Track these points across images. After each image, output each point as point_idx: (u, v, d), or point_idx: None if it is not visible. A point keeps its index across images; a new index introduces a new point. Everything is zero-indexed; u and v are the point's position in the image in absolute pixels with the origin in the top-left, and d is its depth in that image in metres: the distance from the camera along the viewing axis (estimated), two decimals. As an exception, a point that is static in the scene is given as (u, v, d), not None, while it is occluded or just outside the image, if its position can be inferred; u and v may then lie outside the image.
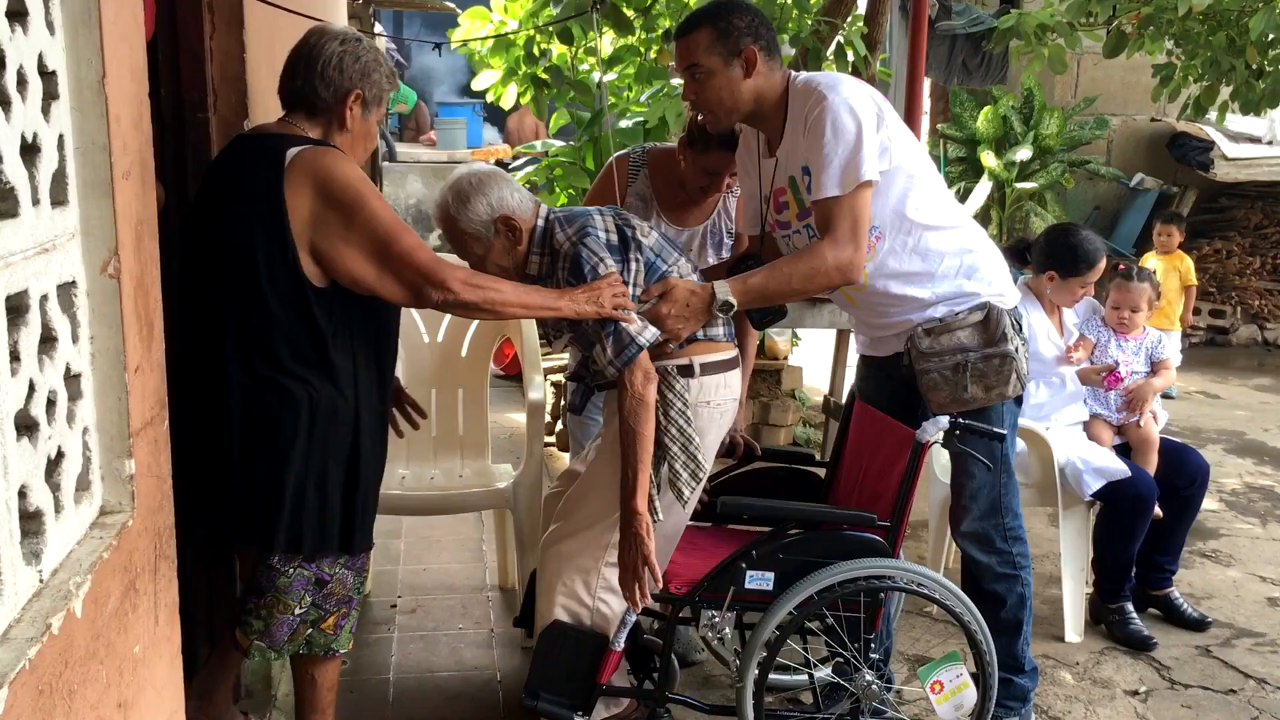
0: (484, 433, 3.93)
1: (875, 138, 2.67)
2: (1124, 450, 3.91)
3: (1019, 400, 2.98)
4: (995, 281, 2.88)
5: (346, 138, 2.51)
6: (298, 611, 2.52)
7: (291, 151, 2.35)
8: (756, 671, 2.70)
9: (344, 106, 2.46)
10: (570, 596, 2.73)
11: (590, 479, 2.78)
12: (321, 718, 2.69)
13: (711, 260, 3.27)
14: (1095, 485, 3.67)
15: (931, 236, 2.81)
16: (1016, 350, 2.83)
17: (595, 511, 2.73)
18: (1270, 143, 8.89)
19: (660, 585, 2.62)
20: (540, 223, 2.73)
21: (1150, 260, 6.94)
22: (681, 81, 2.90)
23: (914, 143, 2.86)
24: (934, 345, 2.83)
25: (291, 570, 2.49)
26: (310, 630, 2.56)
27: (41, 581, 1.43)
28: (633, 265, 2.67)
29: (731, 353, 2.78)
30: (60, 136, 1.54)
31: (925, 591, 2.76)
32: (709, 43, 2.71)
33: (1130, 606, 3.81)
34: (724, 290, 2.68)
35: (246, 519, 2.43)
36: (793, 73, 2.81)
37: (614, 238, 2.69)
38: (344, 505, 2.51)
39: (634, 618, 2.70)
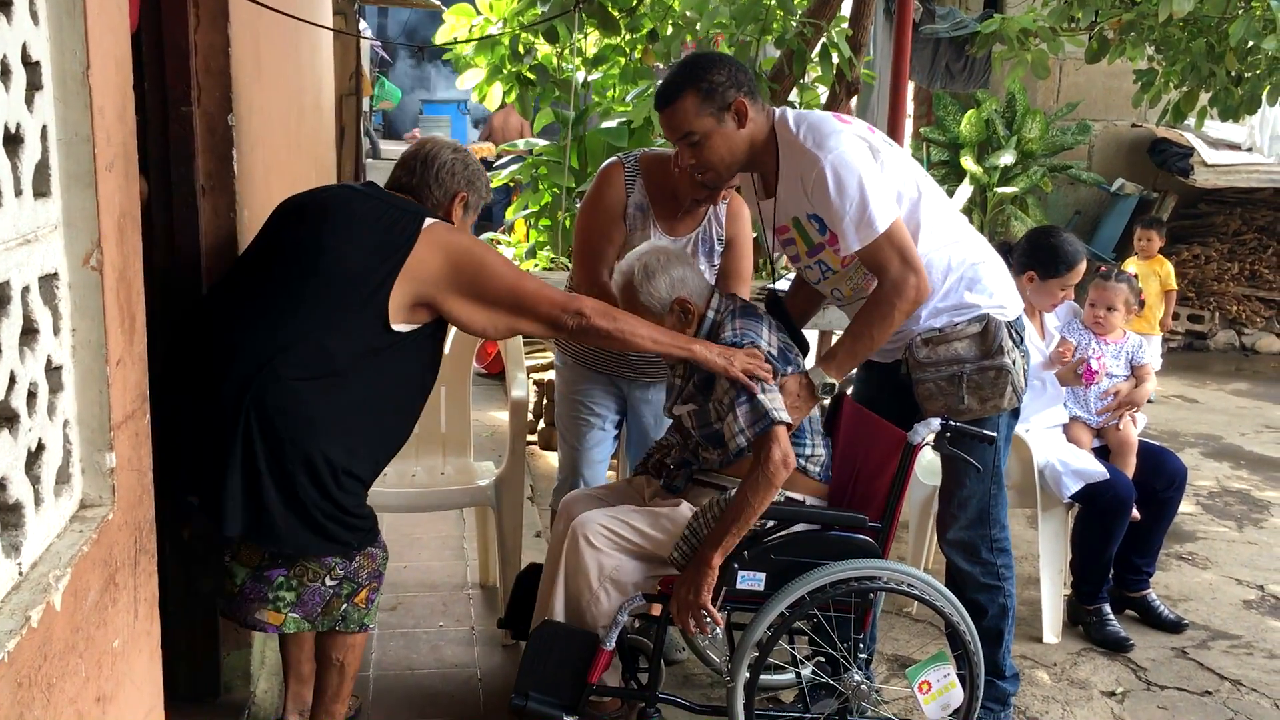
0: (466, 431, 3.93)
1: (880, 180, 2.71)
2: (1103, 453, 3.93)
3: (1015, 413, 2.99)
4: (997, 293, 2.88)
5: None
6: (329, 582, 2.63)
7: (429, 220, 2.63)
8: (748, 673, 2.71)
9: (452, 204, 2.79)
10: (582, 578, 2.75)
11: (664, 522, 2.81)
12: (341, 706, 2.79)
13: (703, 265, 3.25)
14: (1074, 487, 3.69)
15: (935, 255, 2.82)
16: (1014, 363, 2.83)
17: (652, 544, 2.78)
18: (1249, 150, 8.96)
19: (721, 627, 2.69)
20: (711, 313, 2.83)
21: (1131, 265, 6.99)
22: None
23: (910, 165, 2.88)
24: (931, 355, 2.83)
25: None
26: (345, 605, 2.66)
27: (20, 574, 1.42)
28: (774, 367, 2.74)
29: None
30: (44, 127, 1.53)
31: (915, 592, 2.78)
32: (696, 107, 2.73)
33: (1108, 608, 3.84)
34: (820, 376, 2.77)
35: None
36: (774, 110, 2.83)
37: (774, 351, 2.76)
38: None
39: (625, 617, 2.71)
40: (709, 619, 2.66)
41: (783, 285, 4.24)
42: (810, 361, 2.89)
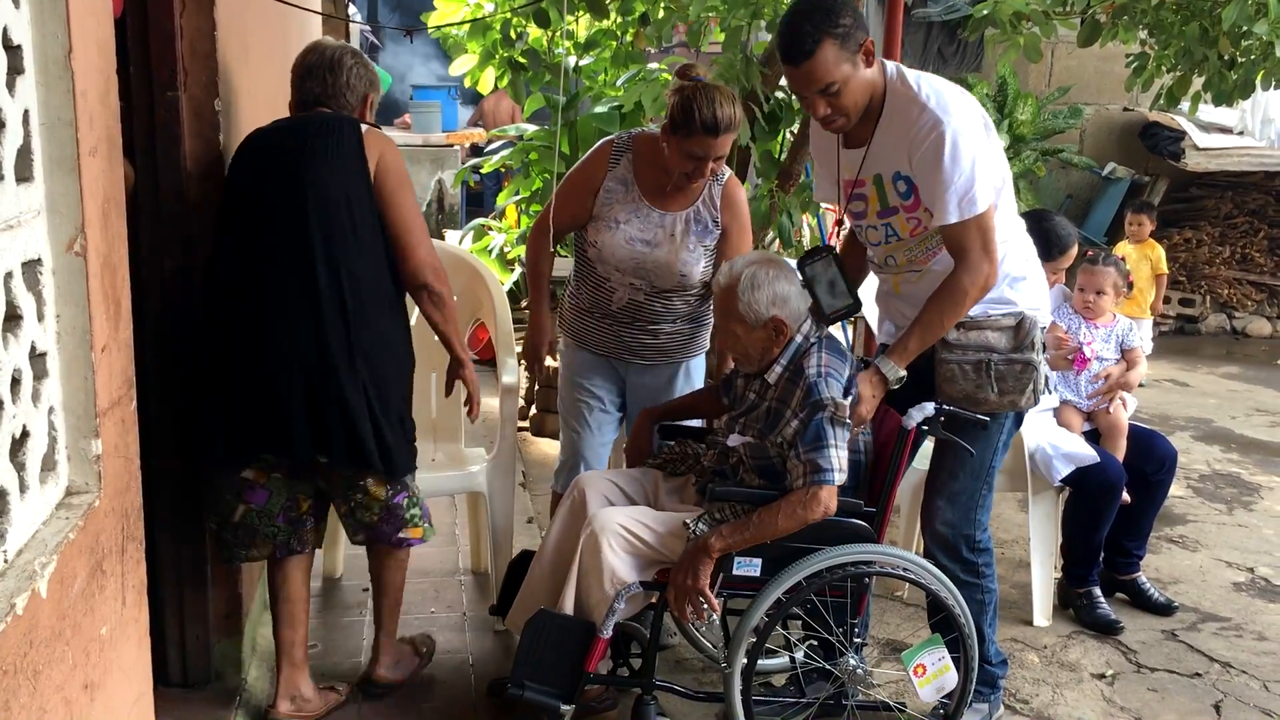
0: (457, 417, 3.92)
1: (989, 161, 2.68)
2: (1093, 436, 3.94)
3: (1019, 420, 2.97)
4: (1035, 299, 2.87)
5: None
6: (417, 494, 3.00)
7: (363, 126, 2.85)
8: (745, 659, 2.71)
9: (364, 107, 2.98)
10: (595, 577, 2.74)
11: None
12: (396, 616, 3.13)
13: (693, 245, 3.23)
14: (1064, 471, 3.69)
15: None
16: (1040, 364, 2.81)
17: (668, 551, 2.77)
18: (1241, 133, 8.95)
19: (718, 614, 2.69)
20: (799, 338, 2.79)
21: (1123, 249, 6.99)
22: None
23: (1002, 154, 2.82)
24: (961, 338, 2.80)
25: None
26: (420, 509, 3.01)
27: (6, 562, 1.42)
28: (846, 407, 2.72)
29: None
30: (25, 111, 1.52)
31: (910, 576, 2.79)
32: (836, 54, 2.61)
33: (1098, 591, 3.85)
34: (891, 369, 2.75)
35: (382, 447, 2.79)
36: (886, 63, 2.74)
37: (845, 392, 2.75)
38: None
39: (623, 605, 2.70)
40: (706, 605, 2.66)
41: None
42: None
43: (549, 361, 3.55)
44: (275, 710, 2.94)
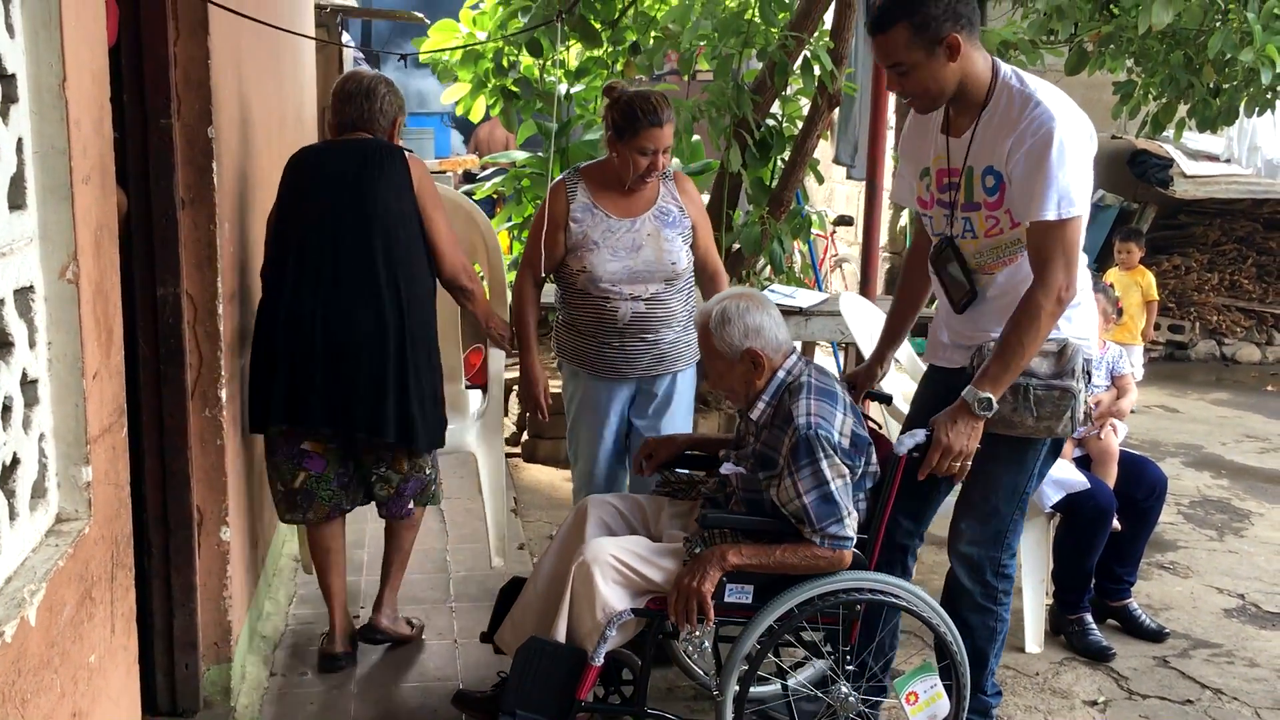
0: (457, 358, 4.26)
1: (1087, 172, 2.67)
2: (1084, 462, 3.95)
3: (1056, 449, 2.92)
4: (1084, 329, 2.84)
5: None
6: (428, 472, 3.50)
7: (406, 153, 3.35)
8: (737, 687, 2.71)
9: (393, 129, 3.44)
10: (586, 605, 2.73)
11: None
12: (402, 571, 3.62)
13: (671, 235, 3.43)
14: (1055, 497, 3.70)
15: None
16: (1080, 392, 2.77)
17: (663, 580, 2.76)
18: (1228, 161, 9.02)
19: (711, 623, 2.68)
20: (782, 373, 2.81)
21: (1112, 276, 7.03)
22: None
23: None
24: None
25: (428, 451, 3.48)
26: (434, 488, 3.55)
27: (-5, 589, 1.41)
28: (858, 471, 2.73)
29: None
30: (19, 140, 1.53)
31: (902, 604, 2.78)
32: (907, 39, 2.65)
33: (1089, 617, 3.85)
34: (976, 395, 2.67)
35: (407, 424, 3.27)
36: (999, 64, 2.77)
37: (846, 441, 2.71)
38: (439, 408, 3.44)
39: (614, 633, 2.69)
40: (701, 614, 2.64)
41: (808, 296, 4.40)
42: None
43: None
44: (378, 618, 3.55)
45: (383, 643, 3.57)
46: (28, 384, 1.55)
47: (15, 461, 1.50)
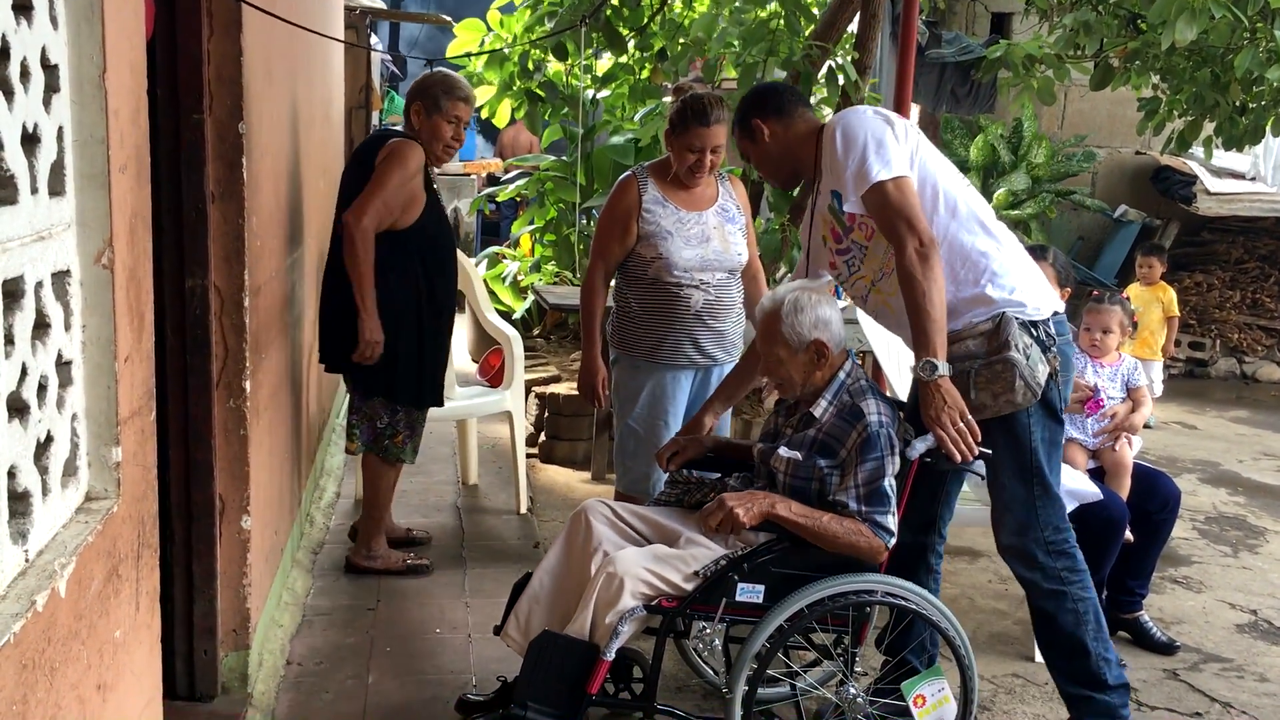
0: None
1: (890, 141, 2.84)
2: (1097, 474, 3.95)
3: (1056, 416, 2.93)
4: (1020, 288, 2.87)
5: (422, 135, 3.94)
6: (379, 425, 4.01)
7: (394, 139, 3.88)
8: (746, 686, 2.73)
9: (410, 114, 3.95)
10: (609, 610, 2.74)
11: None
12: (380, 511, 4.17)
13: (733, 230, 3.72)
14: (1068, 507, 3.70)
15: (963, 237, 2.89)
16: (1027, 357, 2.79)
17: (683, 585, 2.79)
18: (1253, 179, 9.00)
19: (742, 536, 2.80)
20: (843, 375, 2.88)
21: (1133, 291, 7.03)
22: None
23: (941, 156, 3.03)
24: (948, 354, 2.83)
25: (375, 400, 4.01)
26: (386, 441, 4.02)
27: (27, 561, 1.46)
28: (897, 461, 2.80)
29: None
30: (60, 128, 1.58)
31: (911, 606, 2.80)
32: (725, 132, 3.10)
33: (1100, 628, 3.85)
34: (917, 366, 2.77)
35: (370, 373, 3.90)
36: (831, 119, 3.00)
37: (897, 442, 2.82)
38: (418, 369, 4.00)
39: (627, 627, 2.71)
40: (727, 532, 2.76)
41: None
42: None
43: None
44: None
45: (362, 574, 4.11)
46: (62, 365, 1.60)
47: (49, 439, 1.55)
